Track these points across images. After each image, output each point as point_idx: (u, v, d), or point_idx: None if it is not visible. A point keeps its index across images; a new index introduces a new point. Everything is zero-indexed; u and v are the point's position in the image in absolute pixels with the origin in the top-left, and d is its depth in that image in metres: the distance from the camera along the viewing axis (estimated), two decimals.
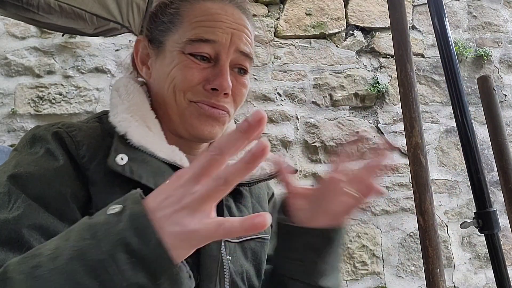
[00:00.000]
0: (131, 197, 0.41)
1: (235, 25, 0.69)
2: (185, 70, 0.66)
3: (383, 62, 2.47)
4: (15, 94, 2.11)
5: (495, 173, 1.82)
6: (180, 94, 0.66)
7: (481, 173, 1.00)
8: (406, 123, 1.30)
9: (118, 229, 0.37)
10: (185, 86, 0.66)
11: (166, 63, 0.68)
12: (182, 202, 0.38)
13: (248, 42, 0.71)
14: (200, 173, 0.39)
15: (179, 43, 0.67)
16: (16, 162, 0.58)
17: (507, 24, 2.67)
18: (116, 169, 0.58)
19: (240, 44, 0.69)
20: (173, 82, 0.67)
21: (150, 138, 0.64)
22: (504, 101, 2.54)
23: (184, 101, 0.67)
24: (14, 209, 0.52)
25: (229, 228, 0.37)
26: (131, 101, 0.67)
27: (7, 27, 2.17)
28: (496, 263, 0.97)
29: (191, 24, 0.68)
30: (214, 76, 0.66)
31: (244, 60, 0.71)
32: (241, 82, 0.71)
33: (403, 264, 2.23)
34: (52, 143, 0.59)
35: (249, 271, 0.71)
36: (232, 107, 0.71)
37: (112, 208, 0.40)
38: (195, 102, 0.66)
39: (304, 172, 2.25)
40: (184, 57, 0.66)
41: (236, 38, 0.68)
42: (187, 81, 0.66)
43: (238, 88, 0.70)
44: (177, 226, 0.38)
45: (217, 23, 0.67)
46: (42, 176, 0.56)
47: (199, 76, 0.66)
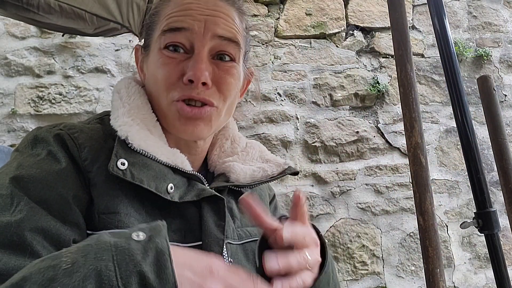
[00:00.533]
0: (157, 228, 0.41)
1: (209, 11, 0.67)
2: (163, 68, 0.65)
3: (383, 62, 2.47)
4: (15, 94, 2.11)
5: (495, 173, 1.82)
6: (163, 94, 0.66)
7: (481, 173, 1.00)
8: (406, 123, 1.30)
9: (138, 259, 0.38)
10: (166, 84, 0.65)
11: (150, 63, 0.69)
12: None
13: (229, 26, 0.68)
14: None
15: (157, 39, 0.67)
16: (18, 163, 0.57)
17: (507, 24, 2.67)
18: (117, 174, 0.57)
19: (217, 29, 0.66)
20: (156, 82, 0.66)
21: (151, 141, 0.64)
22: (504, 101, 2.54)
23: (167, 101, 0.66)
24: (17, 211, 0.51)
25: None
26: (132, 104, 0.67)
27: (7, 27, 2.17)
28: (496, 263, 0.97)
29: (165, 17, 0.68)
30: (189, 68, 0.64)
31: (226, 45, 0.67)
32: (224, 69, 0.68)
33: (403, 264, 2.23)
34: (54, 145, 0.59)
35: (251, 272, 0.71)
36: (219, 99, 0.67)
37: (136, 234, 0.40)
38: (177, 101, 0.65)
39: (304, 172, 2.25)
40: (161, 54, 0.66)
41: (211, 23, 0.66)
42: (166, 79, 0.65)
43: (221, 77, 0.67)
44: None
45: (188, 12, 0.66)
46: (44, 178, 0.55)
47: (176, 70, 0.65)
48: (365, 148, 2.33)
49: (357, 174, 2.29)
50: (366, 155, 2.32)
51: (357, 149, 2.32)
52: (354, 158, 2.31)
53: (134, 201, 0.60)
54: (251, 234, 0.73)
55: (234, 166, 0.74)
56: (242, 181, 0.73)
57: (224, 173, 0.75)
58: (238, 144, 0.80)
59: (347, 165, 2.30)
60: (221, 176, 0.75)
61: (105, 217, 0.57)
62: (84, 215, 0.57)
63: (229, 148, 0.79)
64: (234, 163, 0.75)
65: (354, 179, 2.28)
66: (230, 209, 0.72)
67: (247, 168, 0.74)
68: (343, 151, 2.30)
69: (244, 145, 0.80)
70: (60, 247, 0.52)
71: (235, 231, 0.70)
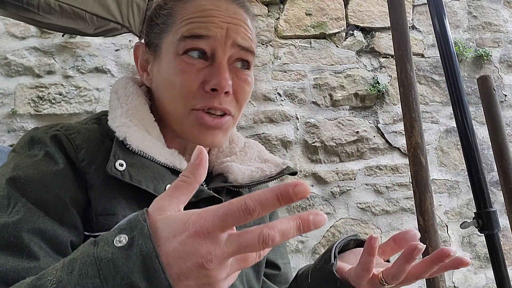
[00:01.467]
0: (138, 225, 0.37)
1: (230, 19, 0.66)
2: (182, 75, 0.64)
3: (383, 62, 2.47)
4: (15, 94, 2.11)
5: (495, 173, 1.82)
6: (181, 102, 0.64)
7: (481, 173, 1.00)
8: (406, 123, 1.30)
9: (125, 270, 0.35)
10: (185, 93, 0.64)
11: (163, 68, 0.67)
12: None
13: (247, 36, 0.68)
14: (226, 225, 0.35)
15: (173, 43, 0.65)
16: (15, 164, 0.57)
17: (507, 24, 2.67)
18: (116, 175, 0.57)
19: (237, 37, 0.66)
20: (173, 89, 0.65)
21: (149, 142, 0.63)
22: (504, 101, 2.54)
23: (185, 110, 0.64)
24: (14, 213, 0.51)
25: None
26: (130, 104, 0.66)
27: (7, 27, 2.17)
28: (496, 263, 0.97)
29: (183, 21, 0.66)
30: (211, 75, 0.63)
31: (244, 54, 0.67)
32: (242, 78, 0.67)
33: None
34: (51, 146, 0.59)
35: (249, 273, 0.71)
36: (235, 108, 0.67)
37: (118, 240, 0.37)
38: (197, 109, 0.64)
39: (304, 172, 2.25)
40: (179, 60, 0.64)
41: (232, 32, 0.65)
42: (186, 87, 0.63)
43: (239, 86, 0.67)
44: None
45: (210, 18, 0.65)
46: (41, 180, 0.55)
47: (197, 79, 0.63)
48: (365, 148, 2.33)
49: (357, 174, 2.29)
50: (366, 155, 2.32)
51: (357, 149, 2.32)
52: (354, 158, 2.31)
53: (131, 202, 0.60)
54: None
55: (232, 166, 0.73)
56: (241, 182, 0.72)
57: (222, 174, 0.74)
58: (236, 144, 0.79)
59: (347, 165, 2.30)
60: (219, 176, 0.74)
61: (102, 219, 0.57)
62: (81, 217, 0.57)
63: (227, 148, 0.79)
64: (232, 163, 0.74)
65: (354, 179, 2.28)
66: None
67: (245, 168, 0.74)
68: (343, 151, 2.31)
69: (242, 145, 0.80)
70: (57, 248, 0.52)
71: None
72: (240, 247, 0.35)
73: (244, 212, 0.34)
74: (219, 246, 0.35)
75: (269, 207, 0.34)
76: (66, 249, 0.53)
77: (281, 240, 0.34)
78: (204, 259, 0.35)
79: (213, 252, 0.35)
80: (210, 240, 0.35)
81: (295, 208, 2.19)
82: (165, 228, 0.36)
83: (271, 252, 0.82)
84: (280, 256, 0.84)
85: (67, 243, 0.53)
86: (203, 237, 0.35)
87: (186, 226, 0.35)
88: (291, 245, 2.15)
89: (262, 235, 0.34)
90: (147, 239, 0.36)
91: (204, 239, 0.35)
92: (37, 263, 0.49)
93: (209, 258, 0.35)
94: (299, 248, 2.16)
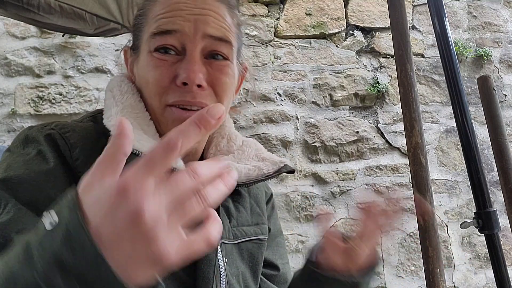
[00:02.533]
0: (66, 203, 0.35)
1: (198, 10, 0.64)
2: (154, 71, 0.63)
3: (383, 62, 2.47)
4: (15, 94, 2.11)
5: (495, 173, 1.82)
6: (156, 98, 0.64)
7: (481, 173, 1.00)
8: (406, 123, 1.30)
9: (52, 246, 0.32)
10: (158, 88, 0.63)
11: (140, 66, 0.67)
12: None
13: (219, 25, 0.65)
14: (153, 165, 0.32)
15: (146, 41, 0.65)
16: (7, 165, 0.57)
17: (507, 24, 2.67)
18: None
19: (207, 28, 0.64)
20: (147, 86, 0.64)
21: (145, 141, 0.62)
22: (504, 101, 2.54)
23: (160, 106, 0.64)
24: (4, 213, 0.51)
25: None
26: (125, 103, 0.65)
27: (7, 27, 2.17)
28: (496, 263, 0.97)
29: (154, 19, 0.65)
30: (181, 69, 0.62)
31: (218, 45, 0.65)
32: (218, 68, 0.65)
33: (403, 264, 2.23)
34: (44, 144, 0.58)
35: (245, 272, 0.71)
36: (214, 100, 0.65)
37: (48, 221, 0.34)
38: (170, 105, 0.63)
39: (304, 172, 2.25)
40: (151, 57, 0.64)
41: (201, 23, 0.63)
42: (158, 82, 0.63)
43: (215, 77, 0.65)
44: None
45: (177, 12, 0.64)
46: (32, 180, 0.54)
47: (168, 74, 0.62)
48: (365, 148, 2.33)
49: (357, 174, 2.29)
50: (366, 155, 2.32)
51: (357, 149, 2.32)
52: (354, 158, 2.31)
53: None
54: (247, 233, 0.72)
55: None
56: (237, 180, 0.71)
57: None
58: (234, 143, 0.79)
59: (347, 165, 2.30)
60: None
61: None
62: None
63: (225, 146, 0.78)
64: (229, 162, 0.74)
65: (354, 179, 2.28)
66: (226, 208, 0.71)
67: (242, 167, 0.73)
68: (343, 151, 2.31)
69: (240, 144, 0.79)
70: None
71: (231, 231, 0.69)
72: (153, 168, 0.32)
73: (167, 146, 0.32)
74: (149, 193, 0.32)
75: (191, 134, 0.33)
76: None
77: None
78: (135, 208, 0.31)
79: (142, 199, 0.31)
80: (139, 189, 0.31)
81: (295, 208, 2.19)
82: (88, 195, 0.34)
83: (271, 252, 0.82)
84: (279, 256, 0.84)
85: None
86: (131, 189, 0.31)
87: (109, 186, 0.33)
88: (291, 245, 2.15)
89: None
90: (73, 211, 0.33)
91: (132, 191, 0.31)
92: None
93: (140, 206, 0.31)
94: (299, 248, 2.16)
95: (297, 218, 2.19)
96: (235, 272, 0.67)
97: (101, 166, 0.35)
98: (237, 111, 0.95)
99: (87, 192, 0.34)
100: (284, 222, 2.15)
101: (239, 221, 0.72)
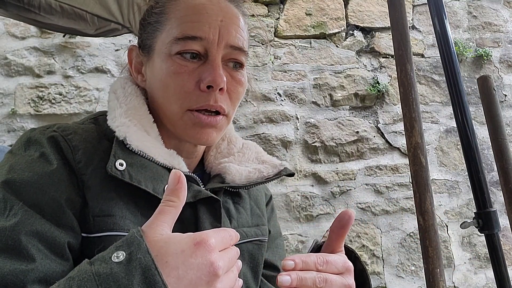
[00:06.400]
0: (135, 242, 0.39)
1: (222, 15, 0.65)
2: (176, 77, 0.63)
3: (383, 62, 2.47)
4: (15, 94, 2.11)
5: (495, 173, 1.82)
6: (177, 103, 0.64)
7: (481, 173, 1.00)
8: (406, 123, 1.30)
9: (125, 283, 0.36)
10: (180, 94, 0.63)
11: (156, 69, 0.66)
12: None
13: (239, 34, 0.67)
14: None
15: (166, 44, 0.65)
16: (10, 166, 0.57)
17: (507, 24, 2.67)
18: (116, 175, 0.57)
19: (230, 38, 0.65)
20: (167, 91, 0.65)
21: (149, 142, 0.63)
22: (504, 101, 2.55)
23: (179, 111, 0.64)
24: (11, 216, 0.51)
25: None
26: (129, 104, 0.66)
27: (7, 27, 2.17)
28: (496, 263, 0.97)
29: (176, 21, 0.65)
30: (206, 73, 0.63)
31: (237, 54, 0.67)
32: (236, 78, 0.67)
33: (403, 264, 2.23)
34: (47, 147, 0.58)
35: (246, 273, 0.71)
36: (229, 106, 0.67)
37: (116, 256, 0.38)
38: (192, 110, 0.64)
39: (304, 172, 2.25)
40: (172, 61, 0.64)
41: (225, 31, 0.65)
42: (181, 88, 0.63)
43: (233, 85, 0.67)
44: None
45: (203, 17, 0.64)
46: (36, 182, 0.55)
47: (191, 79, 0.63)
48: (365, 148, 2.33)
49: (357, 174, 2.29)
50: (366, 155, 2.33)
51: (357, 149, 2.32)
52: (354, 158, 2.32)
53: (129, 203, 0.59)
54: (248, 235, 0.73)
55: (229, 167, 0.73)
56: (238, 182, 0.72)
57: (220, 174, 0.74)
58: (234, 145, 0.80)
59: (347, 165, 2.30)
60: (217, 177, 0.74)
61: (99, 220, 0.57)
62: (78, 218, 0.56)
63: (225, 149, 0.79)
64: (230, 164, 0.74)
65: (354, 179, 2.28)
66: (226, 209, 0.71)
67: (242, 169, 0.74)
68: (343, 151, 2.31)
69: (240, 146, 0.80)
70: (55, 250, 0.52)
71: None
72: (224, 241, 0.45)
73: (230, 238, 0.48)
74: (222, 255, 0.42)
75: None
76: (64, 250, 0.53)
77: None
78: (214, 266, 0.39)
79: (220, 259, 0.40)
80: (216, 245, 0.41)
81: (295, 208, 2.19)
82: (172, 245, 0.40)
83: (271, 254, 0.82)
84: (279, 257, 0.84)
85: (65, 245, 0.53)
86: (208, 243, 0.41)
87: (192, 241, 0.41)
88: (291, 245, 2.15)
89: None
90: (145, 253, 0.38)
91: (210, 245, 0.41)
92: (35, 265, 0.49)
93: (219, 265, 0.40)
94: (299, 248, 2.16)
95: (297, 218, 2.19)
96: None
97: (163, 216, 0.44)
98: None
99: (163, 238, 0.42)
100: (284, 222, 2.16)
101: (239, 223, 0.73)
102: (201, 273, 0.39)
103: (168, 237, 0.42)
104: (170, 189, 0.45)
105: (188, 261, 0.39)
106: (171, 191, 0.45)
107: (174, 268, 0.38)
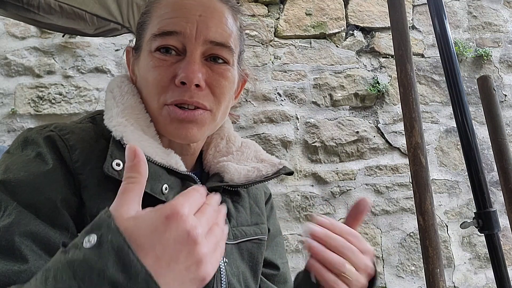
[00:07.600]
0: (104, 223, 0.38)
1: (201, 10, 0.64)
2: (154, 71, 0.63)
3: (383, 62, 2.47)
4: (15, 94, 2.11)
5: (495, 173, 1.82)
6: (155, 97, 0.64)
7: (481, 173, 1.00)
8: (406, 123, 1.30)
9: (100, 267, 0.35)
10: (158, 88, 0.63)
11: (141, 66, 0.67)
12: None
13: (221, 28, 0.65)
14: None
15: (147, 41, 0.65)
16: (6, 167, 0.56)
17: (507, 24, 2.67)
18: (113, 175, 0.56)
19: (209, 33, 0.63)
20: (147, 86, 0.65)
21: (146, 142, 0.63)
22: (504, 101, 2.54)
23: (158, 105, 0.64)
24: (5, 216, 0.51)
25: None
26: (126, 104, 0.65)
27: (7, 27, 2.17)
28: (496, 263, 0.97)
29: (157, 18, 0.65)
30: (181, 69, 0.62)
31: (219, 50, 0.65)
32: (218, 71, 0.65)
33: (403, 264, 2.23)
34: (43, 146, 0.58)
35: (245, 272, 0.71)
36: (213, 102, 0.65)
37: (88, 240, 0.37)
38: (169, 104, 0.63)
39: (304, 172, 2.25)
40: (152, 57, 0.64)
41: (203, 26, 0.63)
42: (158, 81, 0.63)
43: (215, 79, 0.65)
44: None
45: (181, 12, 0.64)
46: (31, 182, 0.54)
47: (168, 74, 0.63)
48: (365, 148, 2.33)
49: (357, 174, 2.29)
50: (366, 155, 2.33)
51: (357, 149, 2.32)
52: (354, 158, 2.31)
53: None
54: (247, 233, 0.72)
55: (228, 166, 0.73)
56: (237, 181, 0.72)
57: (218, 173, 0.74)
58: (233, 144, 0.79)
59: (347, 165, 2.30)
60: (216, 176, 0.74)
61: None
62: (74, 218, 0.56)
63: (224, 147, 0.78)
64: (229, 163, 0.74)
65: (354, 179, 2.28)
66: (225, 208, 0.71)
67: (241, 168, 0.73)
68: (343, 151, 2.31)
69: (239, 145, 0.79)
70: (49, 251, 0.51)
71: (231, 231, 0.70)
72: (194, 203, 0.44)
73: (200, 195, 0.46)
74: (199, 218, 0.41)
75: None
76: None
77: None
78: (191, 235, 0.39)
79: (196, 225, 0.40)
80: (188, 214, 0.40)
81: (295, 208, 2.19)
82: (143, 224, 0.39)
83: (270, 252, 0.82)
84: (279, 256, 0.84)
85: (59, 245, 0.53)
86: (181, 214, 0.40)
87: (162, 215, 0.39)
88: (291, 245, 2.15)
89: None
90: (116, 233, 0.37)
91: (182, 216, 0.40)
92: (27, 266, 0.48)
93: (196, 232, 0.39)
94: (299, 248, 2.16)
95: (297, 218, 2.19)
96: (235, 272, 0.67)
97: (129, 194, 0.42)
98: (236, 117, 0.94)
99: (133, 218, 0.40)
100: (284, 222, 2.16)
101: (238, 221, 0.72)
102: (180, 246, 0.39)
103: (138, 216, 0.40)
104: (129, 165, 0.43)
105: (163, 238, 0.38)
106: (130, 167, 0.43)
107: (150, 249, 0.37)
